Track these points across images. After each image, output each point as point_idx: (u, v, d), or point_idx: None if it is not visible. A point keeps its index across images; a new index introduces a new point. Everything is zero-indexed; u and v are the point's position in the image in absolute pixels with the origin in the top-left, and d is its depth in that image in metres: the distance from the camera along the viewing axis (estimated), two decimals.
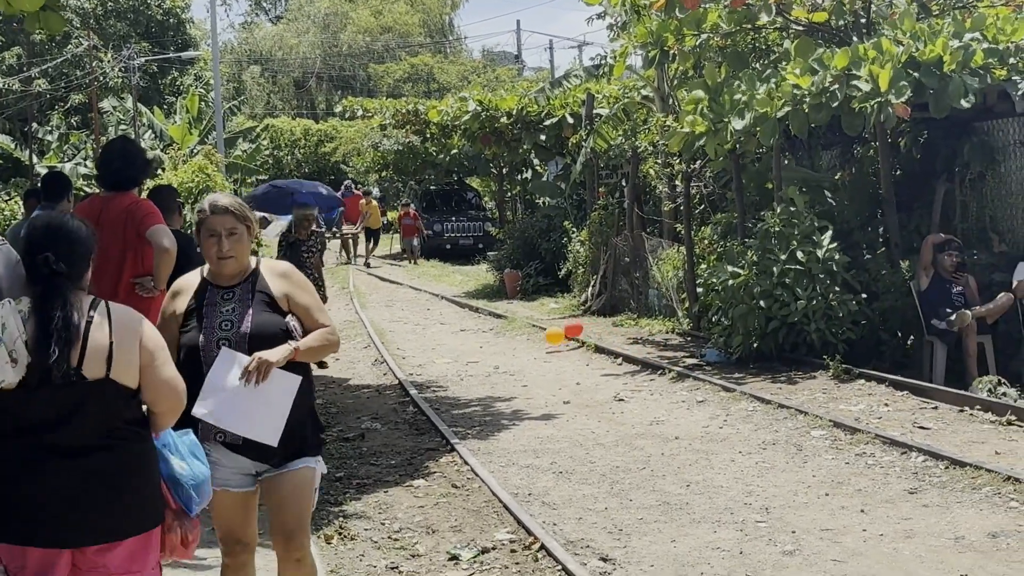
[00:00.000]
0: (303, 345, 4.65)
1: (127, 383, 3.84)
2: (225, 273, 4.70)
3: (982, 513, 6.95)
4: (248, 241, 4.71)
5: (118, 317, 3.88)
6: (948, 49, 11.12)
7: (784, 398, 10.53)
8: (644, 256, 17.23)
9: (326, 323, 4.77)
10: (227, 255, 4.64)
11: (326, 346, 4.75)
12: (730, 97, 12.86)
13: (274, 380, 4.54)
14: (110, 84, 42.01)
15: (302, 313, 4.73)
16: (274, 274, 4.77)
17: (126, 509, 3.81)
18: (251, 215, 4.75)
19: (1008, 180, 12.28)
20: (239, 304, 4.66)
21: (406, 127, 27.88)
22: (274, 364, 4.52)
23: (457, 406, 11.50)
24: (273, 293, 4.69)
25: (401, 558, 6.71)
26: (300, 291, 4.76)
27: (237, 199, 4.81)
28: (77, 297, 3.84)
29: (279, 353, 4.55)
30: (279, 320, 4.66)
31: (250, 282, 4.71)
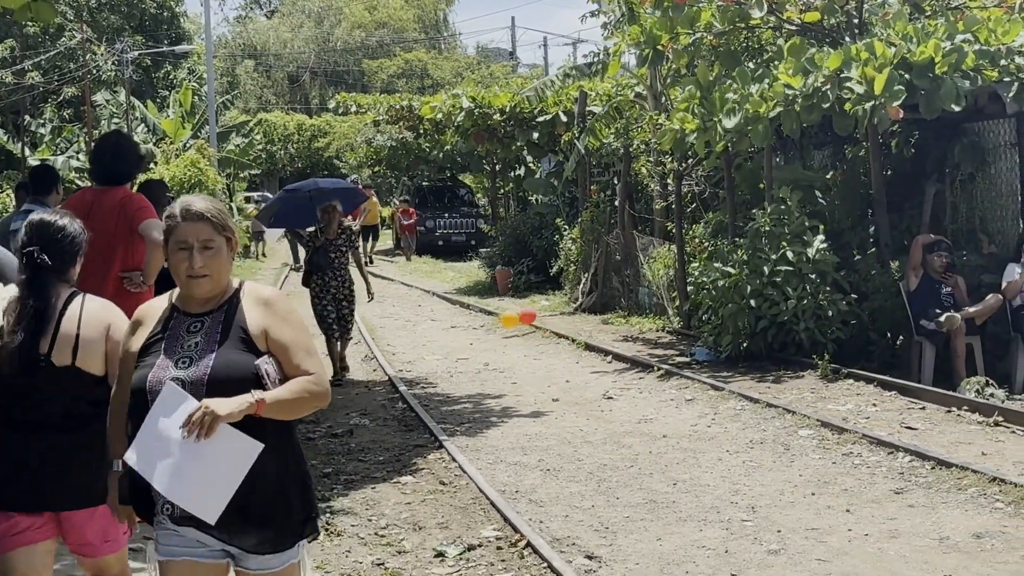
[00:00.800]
0: (272, 397, 3.58)
1: (92, 370, 4.32)
2: (196, 296, 3.74)
3: (967, 514, 6.97)
4: (228, 257, 3.76)
5: (89, 310, 4.36)
6: (940, 51, 11.14)
7: (772, 397, 10.55)
8: (635, 254, 17.26)
9: (311, 369, 3.70)
10: (199, 273, 3.67)
11: (305, 400, 3.66)
12: (721, 96, 12.88)
13: (221, 440, 3.51)
14: (103, 77, 41.92)
15: (280, 353, 3.69)
16: (255, 301, 3.77)
17: (95, 480, 4.14)
18: (232, 224, 3.79)
19: (998, 181, 12.30)
20: (205, 337, 3.68)
21: (399, 123, 27.87)
22: (222, 418, 3.48)
23: (446, 403, 11.51)
24: (249, 326, 3.70)
25: (387, 554, 6.72)
26: (282, 325, 3.73)
27: (216, 203, 3.81)
28: (57, 290, 4.33)
29: (232, 405, 3.51)
30: (249, 361, 3.64)
31: (224, 310, 3.74)
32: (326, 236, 12.61)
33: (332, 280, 12.58)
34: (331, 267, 12.56)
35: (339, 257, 12.65)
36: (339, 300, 12.62)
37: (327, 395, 3.71)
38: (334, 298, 12.59)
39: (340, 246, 12.65)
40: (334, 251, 12.62)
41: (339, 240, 12.63)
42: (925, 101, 11.15)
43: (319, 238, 12.71)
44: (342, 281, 12.65)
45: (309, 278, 12.69)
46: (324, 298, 12.60)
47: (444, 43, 64.77)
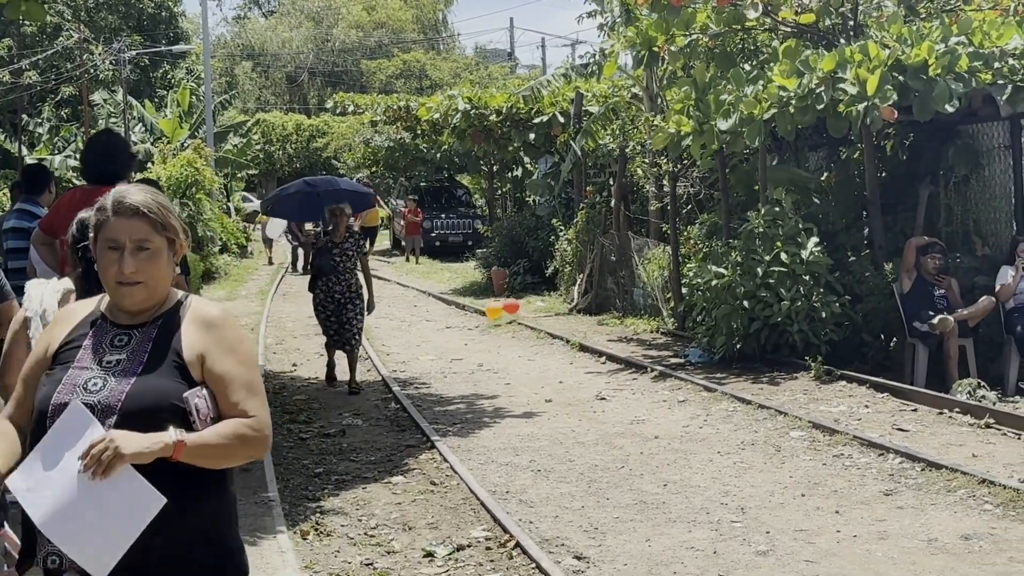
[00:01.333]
0: (195, 440, 2.93)
1: None
2: (125, 307, 3.10)
3: (956, 515, 6.98)
4: (169, 261, 3.13)
5: None
6: (933, 53, 11.15)
7: (765, 399, 10.56)
8: (630, 255, 17.26)
9: (251, 411, 3.05)
10: (131, 279, 3.04)
11: (235, 447, 3.00)
12: (716, 97, 12.90)
13: (120, 484, 2.84)
14: (101, 77, 41.94)
15: (217, 387, 3.04)
16: (197, 321, 3.12)
17: None
18: (177, 221, 3.17)
19: (992, 184, 12.32)
20: (129, 356, 3.04)
21: (397, 123, 27.87)
22: (126, 457, 2.82)
23: (439, 403, 11.51)
24: (184, 350, 3.05)
25: (376, 554, 6.72)
26: (225, 353, 3.07)
27: (158, 196, 3.17)
28: None
29: (143, 443, 2.85)
30: (176, 392, 2.98)
31: (159, 326, 3.10)
32: (332, 239, 12.15)
33: (336, 285, 12.08)
34: (336, 271, 12.06)
35: (345, 261, 12.08)
36: (342, 305, 12.10)
37: (265, 443, 3.06)
38: (338, 304, 12.10)
39: (347, 250, 12.09)
40: (340, 255, 12.06)
41: (346, 244, 12.09)
42: (919, 103, 11.16)
43: (322, 239, 12.40)
44: (347, 286, 12.12)
45: (315, 283, 12.29)
46: (328, 305, 12.13)
47: (442, 44, 64.80)
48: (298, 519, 7.40)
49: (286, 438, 9.92)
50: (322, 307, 12.18)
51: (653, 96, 17.30)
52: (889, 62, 11.26)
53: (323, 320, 12.24)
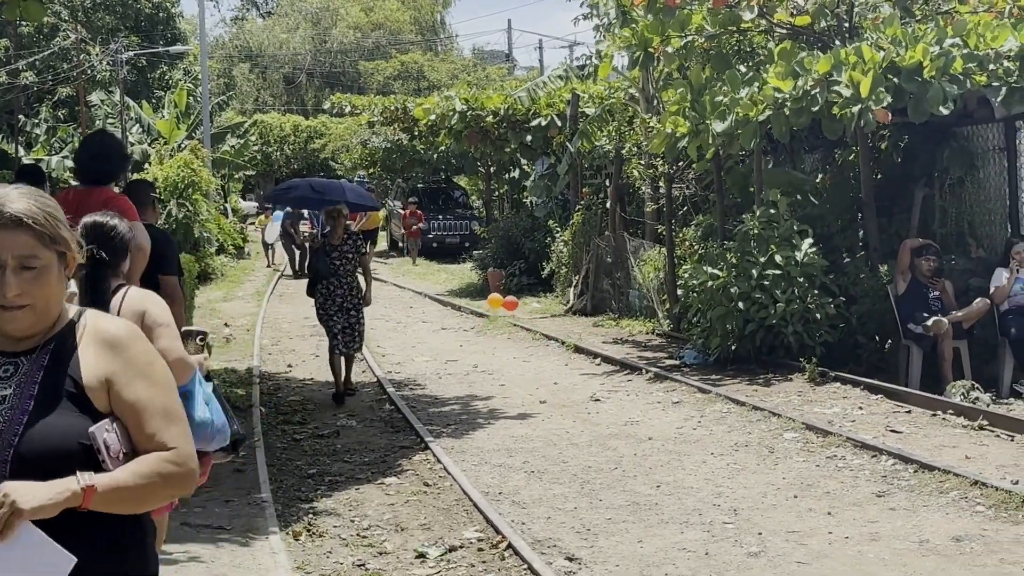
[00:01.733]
0: (107, 483, 2.47)
1: None
2: (10, 333, 2.59)
3: (948, 517, 6.99)
4: (60, 278, 2.63)
5: (129, 299, 4.78)
6: (928, 55, 11.16)
7: (759, 400, 10.56)
8: (626, 257, 17.27)
9: (170, 442, 2.59)
10: (15, 303, 2.54)
11: (156, 486, 2.55)
12: (711, 99, 12.91)
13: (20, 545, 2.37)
14: (98, 78, 41.91)
15: (129, 417, 2.59)
16: (97, 340, 2.63)
17: None
18: (68, 232, 2.65)
19: (987, 186, 12.33)
20: (18, 390, 2.55)
21: (394, 124, 27.86)
22: (26, 513, 2.36)
23: (434, 404, 11.52)
24: (84, 376, 2.57)
25: (368, 555, 6.73)
26: (135, 376, 2.61)
27: (45, 202, 2.61)
28: (108, 282, 4.76)
29: (44, 494, 2.39)
30: (80, 427, 2.52)
31: (50, 351, 2.60)
32: (330, 241, 11.85)
33: (338, 288, 11.74)
34: (336, 275, 11.69)
35: (345, 264, 11.73)
36: (347, 310, 11.79)
37: (191, 479, 2.62)
38: (340, 308, 11.75)
39: (346, 252, 11.75)
40: (339, 258, 11.71)
41: (345, 246, 11.76)
42: (913, 105, 11.17)
43: (318, 241, 12.29)
44: (349, 289, 11.81)
45: (314, 287, 11.92)
46: (330, 308, 11.77)
47: (440, 45, 64.79)
48: (291, 520, 7.40)
49: (280, 439, 9.93)
50: (324, 311, 11.85)
51: (649, 97, 17.31)
52: (883, 64, 11.27)
53: (327, 325, 11.88)
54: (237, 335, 16.59)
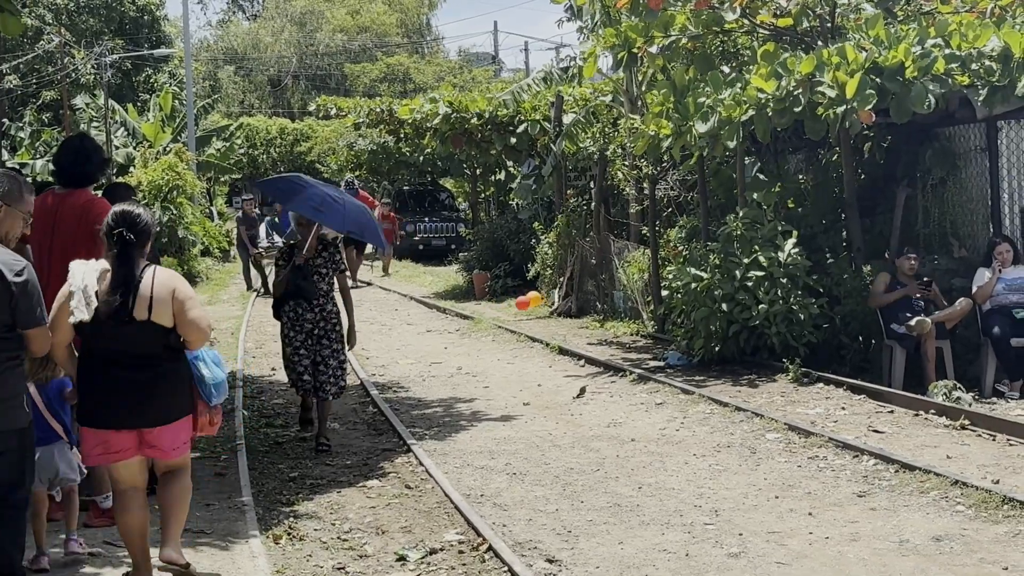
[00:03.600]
0: None
1: (163, 323, 5.57)
2: None
3: (928, 517, 6.99)
4: None
5: (159, 277, 5.61)
6: (910, 55, 11.18)
7: (742, 401, 10.56)
8: (610, 258, 17.27)
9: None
10: None
11: None
12: (694, 100, 12.91)
13: None
14: (82, 81, 41.75)
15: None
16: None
17: (169, 404, 5.65)
18: None
19: (968, 186, 12.35)
20: None
21: (380, 127, 27.80)
22: None
23: (417, 407, 11.49)
24: None
25: (349, 558, 6.70)
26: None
27: None
28: (137, 262, 5.59)
29: None
30: None
31: None
32: (298, 253, 9.57)
33: (307, 312, 9.50)
34: (303, 294, 9.49)
35: (318, 282, 9.52)
36: (317, 338, 9.54)
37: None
38: (309, 336, 9.52)
39: (320, 267, 9.54)
40: (312, 273, 9.52)
41: (318, 260, 9.56)
42: (896, 105, 11.19)
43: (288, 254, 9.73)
44: (321, 313, 9.54)
45: (279, 308, 9.70)
46: (296, 337, 9.54)
47: (427, 47, 64.71)
48: (271, 523, 7.36)
49: (262, 442, 9.90)
50: (289, 340, 9.57)
51: (633, 99, 17.31)
52: (866, 65, 11.29)
53: (290, 357, 9.58)
54: (221, 339, 16.52)
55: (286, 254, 9.72)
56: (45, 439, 6.12)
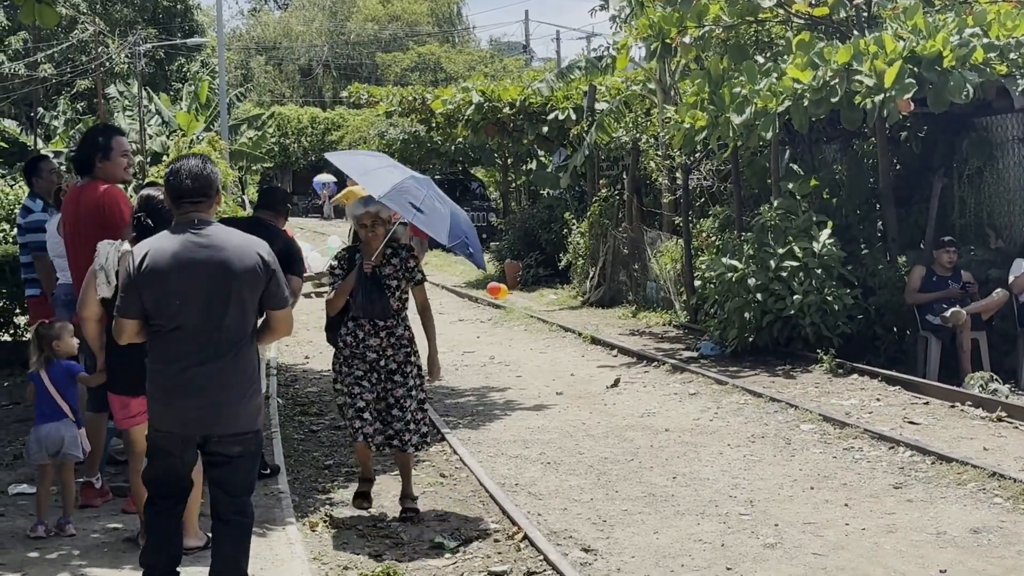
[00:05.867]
0: None
1: None
2: None
3: (965, 509, 6.96)
4: None
5: None
6: (948, 45, 11.10)
7: (776, 392, 10.53)
8: (643, 248, 17.23)
9: None
10: None
11: None
12: (729, 91, 12.86)
13: None
14: (116, 70, 42.01)
15: None
16: None
17: None
18: None
19: (1006, 176, 12.25)
20: None
21: (411, 116, 27.84)
22: None
23: (450, 396, 11.51)
24: None
25: (384, 546, 6.73)
26: None
27: None
28: None
29: None
30: None
31: None
32: (365, 259, 7.14)
33: (370, 337, 7.16)
34: (371, 313, 7.12)
35: (384, 299, 7.10)
36: (388, 373, 7.20)
37: None
38: (373, 368, 7.18)
39: (388, 279, 7.13)
40: (377, 286, 7.10)
41: (386, 269, 7.14)
42: (933, 95, 11.11)
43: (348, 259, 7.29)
44: (389, 339, 7.17)
45: (335, 329, 7.39)
46: (355, 369, 7.19)
47: (457, 36, 64.73)
48: (308, 511, 7.41)
49: (297, 430, 9.95)
50: (346, 374, 7.23)
51: (666, 89, 17.26)
52: (904, 54, 11.22)
53: (351, 396, 7.19)
54: None
55: (345, 259, 7.26)
56: (52, 416, 6.52)
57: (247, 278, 4.93)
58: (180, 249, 4.90)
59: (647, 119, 17.55)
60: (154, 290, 4.88)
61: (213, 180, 5.04)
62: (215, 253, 4.90)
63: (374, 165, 7.49)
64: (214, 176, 5.05)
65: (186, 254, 4.88)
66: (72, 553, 6.18)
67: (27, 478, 7.76)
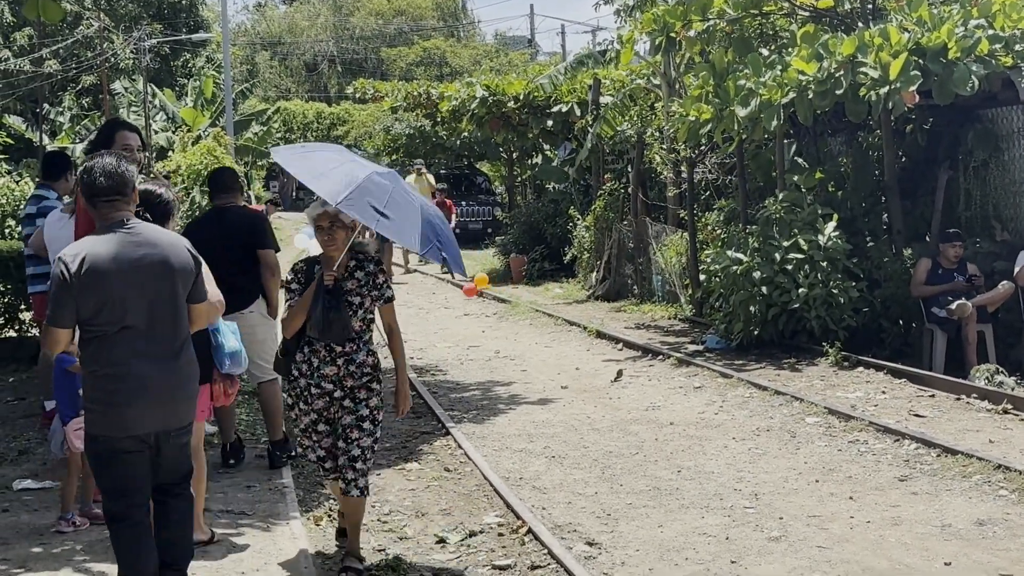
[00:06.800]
0: None
1: None
2: None
3: (971, 501, 6.94)
4: None
5: None
6: (953, 36, 11.07)
7: (781, 385, 10.52)
8: (648, 242, 17.22)
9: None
10: None
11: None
12: (734, 83, 12.83)
13: None
14: (121, 66, 42.03)
15: None
16: None
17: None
18: None
19: (1011, 168, 12.21)
20: None
21: (417, 110, 27.82)
22: None
23: (455, 390, 11.51)
24: None
25: (389, 540, 6.73)
26: None
27: None
28: None
29: None
30: None
31: None
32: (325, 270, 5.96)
33: (327, 365, 6.00)
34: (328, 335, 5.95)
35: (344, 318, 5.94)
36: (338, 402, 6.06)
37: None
38: (331, 400, 6.05)
39: (350, 294, 5.97)
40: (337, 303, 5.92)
41: (348, 283, 5.98)
42: (938, 87, 11.08)
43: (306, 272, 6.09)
44: (348, 366, 6.05)
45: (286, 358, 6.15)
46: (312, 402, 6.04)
47: (463, 31, 64.68)
48: (312, 505, 7.41)
49: None
50: (304, 402, 6.06)
51: (671, 82, 17.23)
52: (909, 46, 11.19)
53: (305, 428, 6.12)
54: None
55: (303, 272, 6.08)
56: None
57: (182, 274, 5.02)
58: (118, 249, 4.86)
59: (652, 113, 17.52)
60: (95, 293, 4.79)
61: (128, 178, 5.00)
62: (151, 251, 4.93)
63: (327, 165, 6.01)
64: (128, 174, 5.01)
65: (125, 254, 4.86)
66: (75, 548, 6.19)
67: (32, 474, 7.77)
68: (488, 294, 19.81)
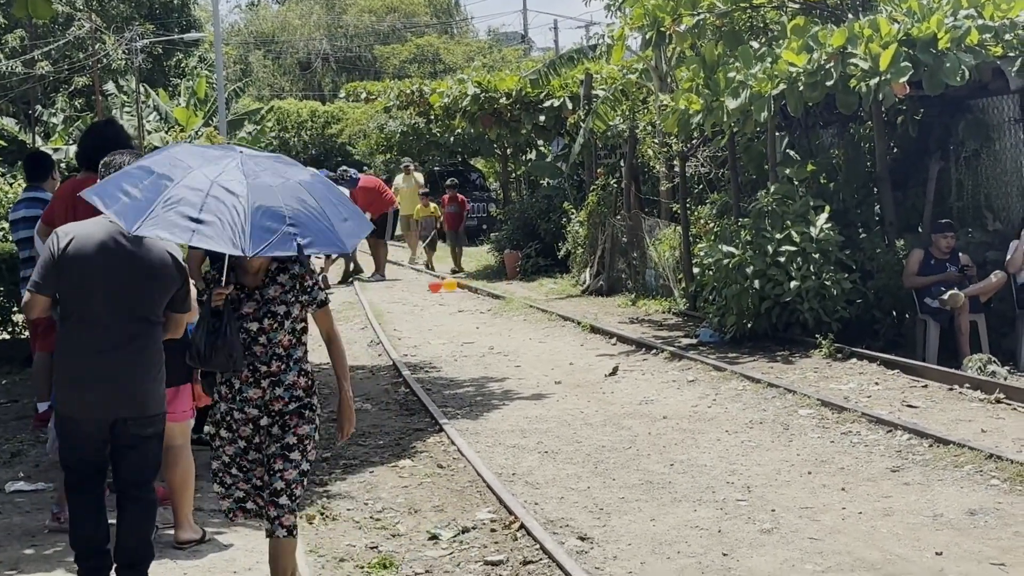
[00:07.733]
0: None
1: None
2: None
3: (962, 491, 6.95)
4: None
5: None
6: (943, 27, 11.07)
7: (774, 377, 10.53)
8: (642, 236, 17.22)
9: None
10: None
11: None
12: (724, 75, 12.83)
13: None
14: (113, 66, 41.96)
15: None
16: None
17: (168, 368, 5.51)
18: None
19: (1002, 158, 12.21)
20: None
21: (410, 108, 27.82)
22: None
23: (449, 387, 11.51)
24: None
25: (381, 538, 6.73)
26: None
27: None
28: None
29: None
30: None
31: None
32: (242, 282, 5.19)
33: (250, 387, 5.19)
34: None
35: (272, 330, 5.19)
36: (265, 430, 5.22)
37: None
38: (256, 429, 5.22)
39: (274, 303, 5.19)
40: (261, 314, 5.17)
41: (270, 290, 5.19)
42: (928, 77, 11.08)
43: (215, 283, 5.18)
44: (274, 390, 5.20)
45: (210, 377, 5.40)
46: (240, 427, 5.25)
47: (456, 27, 64.65)
48: (305, 503, 7.39)
49: None
50: (227, 429, 5.27)
51: (663, 76, 17.23)
52: (899, 36, 11.19)
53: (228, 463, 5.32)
54: None
55: (215, 282, 5.20)
56: None
57: (161, 279, 5.20)
58: (106, 239, 5.11)
59: (644, 107, 17.51)
60: (72, 274, 5.07)
61: None
62: (136, 249, 5.14)
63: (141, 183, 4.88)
64: None
65: (111, 245, 5.10)
66: (67, 550, 6.17)
67: (24, 475, 7.77)
68: (483, 290, 19.79)
